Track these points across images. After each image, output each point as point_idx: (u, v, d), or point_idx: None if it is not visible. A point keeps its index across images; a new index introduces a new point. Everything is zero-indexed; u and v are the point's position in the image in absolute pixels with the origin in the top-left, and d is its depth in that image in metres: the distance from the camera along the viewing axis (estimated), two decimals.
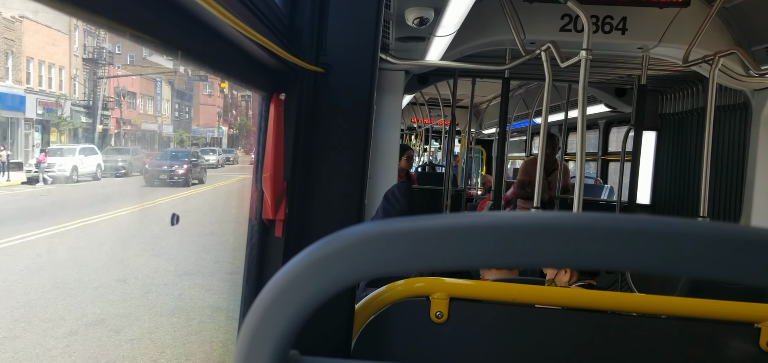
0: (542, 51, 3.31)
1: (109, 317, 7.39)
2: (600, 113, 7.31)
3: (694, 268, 0.47)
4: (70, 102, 30.22)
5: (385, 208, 3.29)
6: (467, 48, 4.10)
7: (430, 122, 11.52)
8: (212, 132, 48.31)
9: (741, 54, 3.57)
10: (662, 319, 1.77)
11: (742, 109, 4.76)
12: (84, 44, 32.43)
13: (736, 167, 4.85)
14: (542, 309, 1.80)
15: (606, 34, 3.80)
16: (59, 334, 6.75)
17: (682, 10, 3.69)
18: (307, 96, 1.65)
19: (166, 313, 7.71)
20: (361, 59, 1.66)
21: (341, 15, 1.65)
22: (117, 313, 7.59)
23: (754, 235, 0.47)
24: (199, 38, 1.09)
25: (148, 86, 39.90)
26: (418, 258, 0.50)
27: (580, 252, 0.48)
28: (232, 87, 41.40)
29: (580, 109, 2.96)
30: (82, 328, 6.96)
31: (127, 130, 36.13)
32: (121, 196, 19.64)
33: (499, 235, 0.49)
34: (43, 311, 7.48)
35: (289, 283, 0.53)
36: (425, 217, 0.51)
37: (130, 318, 7.48)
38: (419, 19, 3.07)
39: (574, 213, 0.50)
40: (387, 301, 1.75)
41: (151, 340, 6.75)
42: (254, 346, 0.54)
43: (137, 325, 7.24)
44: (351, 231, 0.52)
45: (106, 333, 6.89)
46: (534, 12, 3.77)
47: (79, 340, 6.61)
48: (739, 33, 3.93)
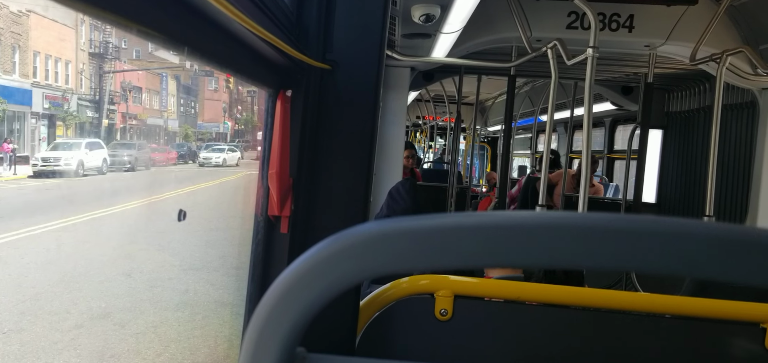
0: (549, 48, 3.30)
1: (114, 311, 7.42)
2: (606, 111, 7.29)
3: (700, 269, 0.47)
4: (76, 96, 30.33)
5: (389, 205, 3.29)
6: (473, 45, 4.09)
7: (434, 119, 11.50)
8: (217, 127, 48.41)
9: (749, 52, 3.55)
10: (667, 319, 1.77)
11: (750, 107, 4.73)
12: (90, 39, 32.53)
13: (743, 166, 4.83)
14: (547, 307, 1.80)
15: (613, 32, 3.78)
16: (65, 327, 6.80)
17: (690, 8, 3.67)
18: (314, 93, 1.65)
19: (171, 307, 7.73)
20: (367, 56, 1.66)
21: (348, 12, 1.65)
22: (122, 307, 7.62)
23: (760, 236, 0.46)
24: (207, 35, 1.09)
25: (154, 81, 40.00)
26: (424, 257, 0.51)
27: (585, 252, 0.48)
28: (237, 82, 41.38)
29: (587, 107, 2.95)
30: (87, 322, 7.00)
31: (132, 125, 36.24)
32: (127, 190, 19.69)
33: (505, 234, 0.50)
34: (49, 304, 7.52)
35: (296, 282, 0.53)
36: (431, 217, 0.51)
37: (136, 312, 7.51)
38: (425, 16, 3.07)
39: (579, 213, 0.50)
40: (391, 298, 1.76)
41: (156, 334, 6.78)
42: (262, 344, 0.55)
43: (142, 319, 7.27)
44: (358, 230, 0.52)
45: (112, 327, 6.92)
46: (541, 9, 3.76)
47: (84, 334, 6.66)
48: (747, 31, 3.91)
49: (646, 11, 3.77)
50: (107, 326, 6.91)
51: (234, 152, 34.00)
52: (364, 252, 0.51)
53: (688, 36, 3.71)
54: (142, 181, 23.52)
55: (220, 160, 31.74)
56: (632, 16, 3.77)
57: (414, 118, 12.77)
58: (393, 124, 4.65)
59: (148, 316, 7.40)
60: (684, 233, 0.47)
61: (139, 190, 20.65)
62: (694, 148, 5.89)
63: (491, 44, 4.18)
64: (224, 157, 32.34)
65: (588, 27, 3.02)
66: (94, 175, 22.03)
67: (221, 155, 32.53)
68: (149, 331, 6.90)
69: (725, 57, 3.44)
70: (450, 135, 10.46)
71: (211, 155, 32.24)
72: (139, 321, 7.18)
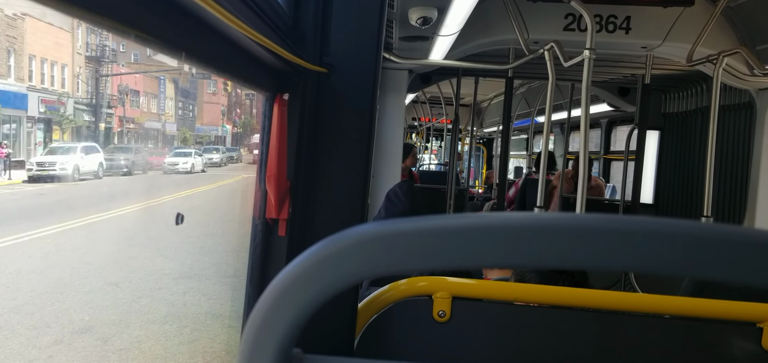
0: (546, 50, 3.30)
1: (97, 324, 7.09)
2: (602, 112, 7.31)
3: (698, 269, 0.47)
4: (72, 100, 30.30)
5: (387, 207, 3.29)
6: (471, 47, 4.10)
7: (430, 121, 11.51)
8: (216, 130, 48.39)
9: (745, 53, 3.56)
10: (665, 319, 1.77)
11: (747, 108, 4.74)
12: (87, 42, 32.51)
13: (740, 167, 4.84)
14: (545, 308, 1.80)
15: (609, 34, 3.79)
16: (43, 343, 6.45)
17: (687, 10, 3.68)
18: (311, 96, 1.65)
19: (159, 320, 7.42)
20: (364, 59, 1.66)
21: (344, 15, 1.65)
22: (106, 320, 7.24)
23: (757, 237, 0.47)
24: (203, 40, 1.09)
25: (152, 84, 39.99)
26: (420, 258, 0.51)
27: (583, 253, 0.48)
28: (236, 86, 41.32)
29: (583, 109, 2.96)
30: (67, 337, 6.64)
31: (130, 129, 36.20)
32: (123, 195, 19.53)
33: (503, 235, 0.50)
34: (29, 318, 7.19)
35: (292, 283, 0.53)
36: (427, 218, 0.51)
37: (120, 325, 7.15)
38: (422, 19, 3.07)
39: (577, 214, 0.50)
40: (390, 300, 1.76)
41: (140, 350, 6.47)
42: (258, 345, 0.55)
43: (127, 333, 6.91)
44: (353, 231, 0.52)
45: (93, 342, 6.56)
46: (537, 11, 3.77)
47: (63, 350, 6.31)
48: (744, 32, 3.92)
49: (642, 13, 3.77)
50: (88, 342, 6.56)
51: (200, 156, 31.07)
52: (359, 253, 0.52)
53: (685, 37, 3.72)
54: (139, 185, 23.43)
55: (188, 165, 28.49)
56: (629, 18, 3.78)
57: (409, 119, 12.78)
58: (391, 126, 4.65)
59: (133, 329, 7.05)
60: (682, 234, 0.47)
61: (134, 194, 20.55)
62: (691, 149, 5.91)
63: (488, 46, 4.19)
64: (192, 162, 29.30)
65: (585, 29, 3.03)
66: (90, 179, 21.99)
67: (189, 160, 29.31)
68: (133, 346, 6.57)
69: (722, 58, 3.45)
70: (446, 136, 10.46)
71: (177, 160, 28.94)
72: (123, 335, 6.83)
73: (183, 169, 27.91)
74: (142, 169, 26.22)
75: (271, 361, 0.55)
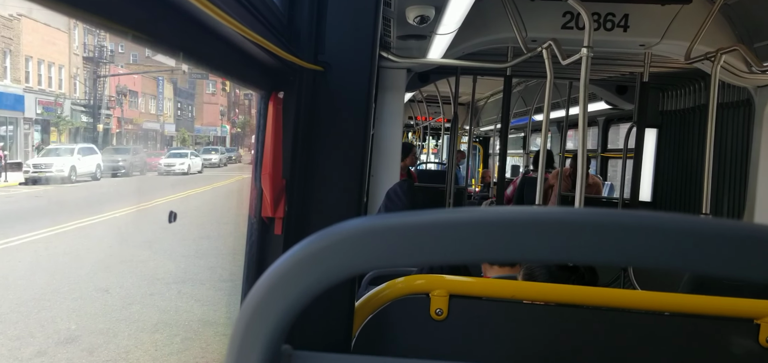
0: (544, 49, 3.30)
1: (84, 334, 6.75)
2: (599, 110, 7.31)
3: (696, 264, 0.47)
4: (69, 101, 30.25)
5: (387, 206, 3.29)
6: (469, 46, 4.09)
7: (427, 120, 11.51)
8: (215, 131, 48.35)
9: (743, 51, 3.56)
10: (664, 316, 1.77)
11: (745, 106, 4.74)
12: (84, 42, 32.46)
13: (739, 164, 4.84)
14: (543, 306, 1.80)
15: (607, 32, 3.79)
16: (25, 355, 6.15)
17: (684, 7, 3.68)
18: (306, 94, 1.64)
19: (149, 328, 7.07)
20: (359, 57, 1.66)
21: (340, 13, 1.65)
22: (94, 329, 6.92)
23: (755, 232, 0.47)
24: (197, 38, 1.09)
25: (151, 85, 39.93)
26: (410, 252, 0.50)
27: (581, 247, 0.48)
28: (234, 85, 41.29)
29: (582, 107, 2.96)
30: (52, 348, 6.30)
31: (128, 130, 36.15)
32: (119, 196, 19.39)
33: (497, 229, 0.49)
34: (12, 327, 6.85)
35: (280, 279, 0.53)
36: (418, 212, 0.51)
37: (108, 335, 6.82)
38: (420, 17, 3.06)
39: (575, 208, 0.49)
40: (387, 299, 1.75)
41: (127, 361, 6.21)
42: (246, 342, 0.54)
43: (114, 343, 6.60)
44: (341, 226, 0.52)
45: (78, 353, 6.24)
46: (535, 9, 3.76)
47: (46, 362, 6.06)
48: (742, 29, 3.91)
49: (640, 10, 3.77)
50: (73, 353, 6.25)
51: (198, 157, 30.19)
52: (347, 248, 0.51)
53: (683, 35, 3.72)
54: (136, 186, 23.33)
55: (184, 167, 27.61)
56: (627, 16, 3.77)
57: (406, 118, 12.78)
58: (390, 125, 4.65)
59: (120, 339, 6.75)
60: (680, 229, 0.47)
61: (131, 196, 20.43)
62: (689, 147, 5.91)
63: (487, 45, 4.19)
64: (189, 163, 28.39)
65: (583, 27, 3.03)
66: (87, 181, 21.93)
67: (185, 161, 28.44)
68: (120, 358, 6.31)
69: (720, 55, 3.45)
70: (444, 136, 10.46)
71: (173, 161, 27.99)
72: (110, 346, 6.54)
73: (179, 171, 27.34)
74: (140, 170, 26.14)
75: (260, 357, 0.55)
